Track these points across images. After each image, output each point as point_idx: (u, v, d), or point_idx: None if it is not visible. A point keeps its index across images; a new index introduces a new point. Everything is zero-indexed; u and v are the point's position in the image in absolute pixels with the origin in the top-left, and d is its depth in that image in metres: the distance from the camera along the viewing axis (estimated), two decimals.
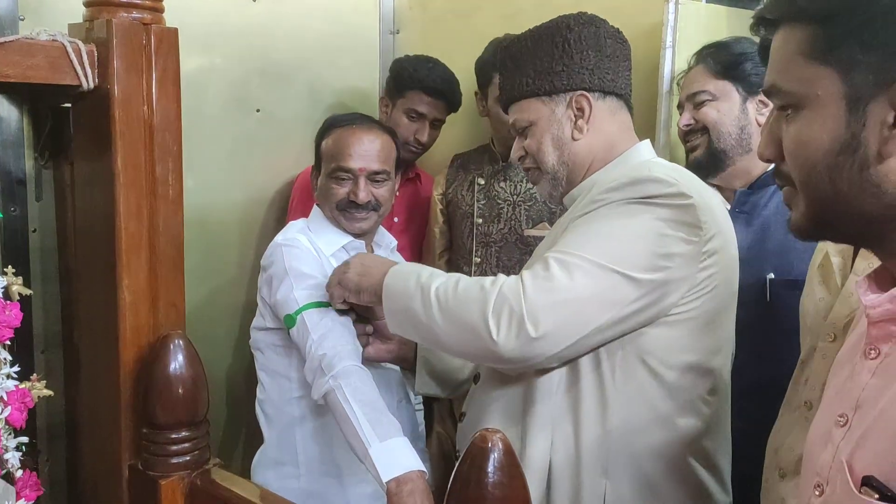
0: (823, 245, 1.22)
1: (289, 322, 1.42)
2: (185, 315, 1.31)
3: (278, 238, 1.54)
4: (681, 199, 1.15)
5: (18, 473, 1.13)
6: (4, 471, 1.12)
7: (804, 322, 1.24)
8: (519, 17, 2.09)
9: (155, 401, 1.22)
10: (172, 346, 1.22)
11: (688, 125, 1.71)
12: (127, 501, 1.28)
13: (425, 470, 1.23)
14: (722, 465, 1.27)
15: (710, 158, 1.67)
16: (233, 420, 2.11)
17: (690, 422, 1.22)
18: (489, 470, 0.87)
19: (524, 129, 1.35)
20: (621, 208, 1.16)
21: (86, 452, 1.40)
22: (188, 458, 1.25)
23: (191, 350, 1.25)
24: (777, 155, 0.76)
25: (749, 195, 1.66)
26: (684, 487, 1.23)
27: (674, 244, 1.14)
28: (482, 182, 2.08)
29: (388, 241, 1.69)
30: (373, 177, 1.54)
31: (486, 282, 1.17)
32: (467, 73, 2.10)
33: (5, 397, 1.08)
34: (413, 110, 2.08)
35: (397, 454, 1.22)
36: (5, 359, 1.10)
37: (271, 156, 2.16)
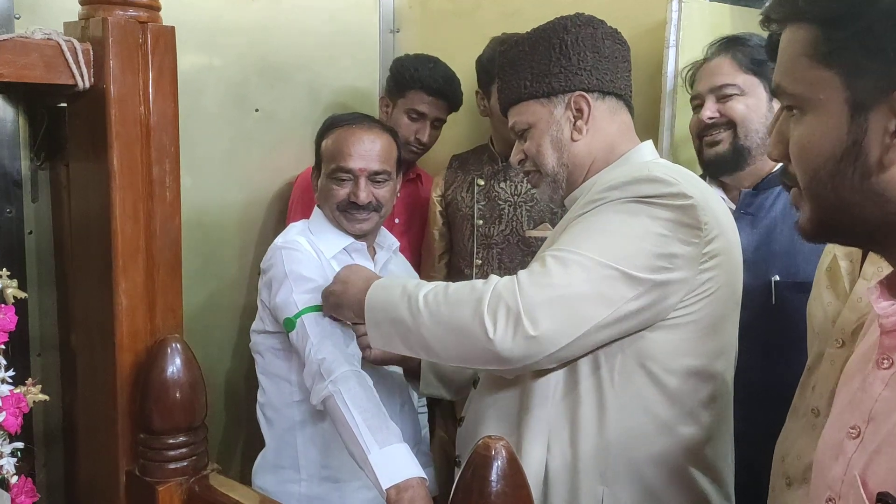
0: (831, 248, 1.20)
1: (288, 326, 1.41)
2: (182, 318, 1.30)
3: (278, 240, 1.53)
4: (681, 200, 1.13)
5: (14, 479, 1.12)
6: (0, 477, 1.10)
7: (811, 327, 1.22)
8: (519, 15, 2.09)
9: (152, 406, 1.20)
10: (170, 351, 1.21)
11: (712, 118, 1.65)
12: None
13: (426, 477, 1.21)
14: (724, 473, 1.26)
15: (734, 155, 1.62)
16: (231, 424, 2.09)
17: (691, 429, 1.20)
18: (492, 479, 0.85)
19: (523, 132, 1.34)
20: (620, 207, 1.15)
21: (82, 458, 1.38)
22: (186, 464, 1.24)
23: (188, 354, 1.23)
24: (785, 155, 0.75)
25: (755, 196, 1.63)
26: (685, 496, 1.21)
27: (673, 245, 1.12)
28: (482, 183, 2.06)
29: (390, 242, 1.67)
30: (373, 177, 1.53)
31: (478, 282, 1.16)
32: (468, 73, 2.09)
33: (0, 402, 1.07)
34: (414, 110, 2.06)
35: (397, 461, 1.20)
36: (0, 363, 1.09)
37: (270, 156, 2.14)
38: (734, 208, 1.63)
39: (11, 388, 1.09)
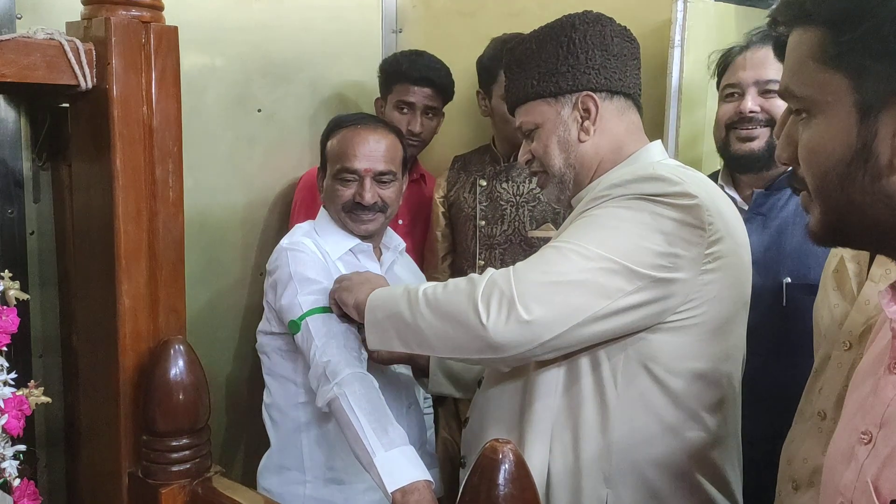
0: (838, 249, 1.19)
1: (293, 328, 1.40)
2: (185, 320, 1.29)
3: (283, 242, 1.52)
4: (685, 200, 1.12)
5: (16, 482, 1.11)
6: (2, 480, 1.10)
7: (818, 329, 1.21)
8: (523, 15, 2.08)
9: (155, 407, 1.19)
10: (173, 352, 1.20)
11: (754, 112, 1.57)
12: None
13: (431, 479, 1.20)
14: (730, 477, 1.24)
15: (768, 154, 1.55)
16: (235, 426, 2.09)
17: (696, 433, 1.19)
18: (500, 482, 0.84)
19: (530, 132, 1.33)
20: (624, 204, 1.14)
21: (85, 460, 1.37)
22: (189, 466, 1.23)
23: (191, 355, 1.22)
24: (794, 159, 0.74)
25: (767, 196, 1.60)
26: (690, 500, 1.19)
27: (675, 244, 1.11)
28: (484, 183, 2.06)
29: (396, 242, 1.66)
30: (379, 177, 1.52)
31: (475, 275, 1.16)
32: (470, 72, 2.08)
33: (2, 405, 1.07)
34: (401, 102, 2.07)
35: (402, 464, 1.20)
36: (2, 365, 1.09)
37: (273, 156, 2.14)
38: (747, 208, 1.61)
39: (13, 390, 1.08)
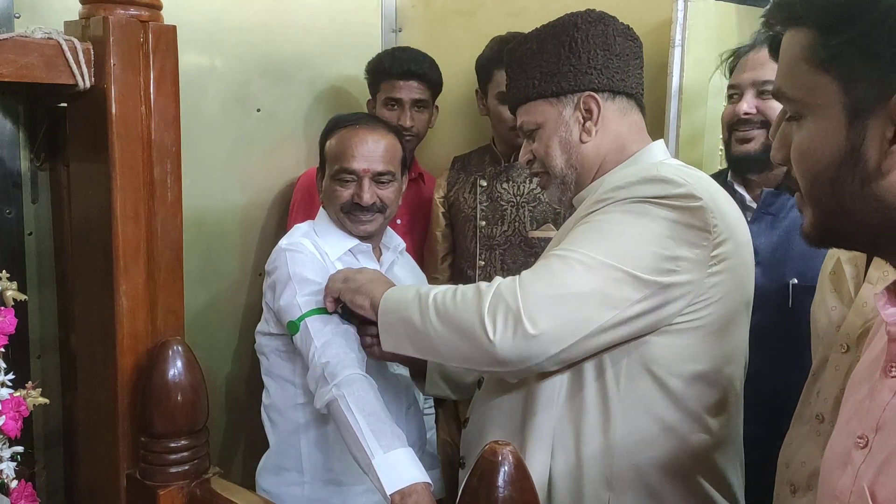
0: (835, 251, 1.18)
1: (292, 329, 1.40)
2: (184, 320, 1.28)
3: (282, 242, 1.51)
4: (689, 202, 1.11)
5: (14, 484, 1.11)
6: (0, 481, 1.09)
7: (815, 332, 1.20)
8: (523, 14, 2.07)
9: (153, 409, 1.19)
10: (171, 353, 1.19)
11: (749, 114, 1.58)
12: None
13: (430, 482, 1.20)
14: (732, 479, 1.23)
15: (765, 155, 1.53)
16: (234, 427, 2.08)
17: (698, 435, 1.18)
18: (499, 484, 0.84)
19: (531, 133, 1.31)
20: (627, 207, 1.13)
21: (83, 461, 1.37)
22: (187, 468, 1.22)
23: (190, 356, 1.22)
24: (788, 160, 0.74)
25: (776, 196, 1.59)
26: (691, 503, 1.19)
27: (680, 247, 1.10)
28: (484, 184, 2.05)
29: (396, 243, 1.66)
30: (377, 178, 1.51)
31: (483, 284, 1.15)
32: (470, 72, 2.08)
33: (0, 406, 1.06)
34: (389, 98, 2.07)
35: (401, 466, 1.19)
36: (0, 366, 1.08)
37: (272, 156, 2.14)
38: (756, 207, 1.60)
39: (11, 391, 1.08)
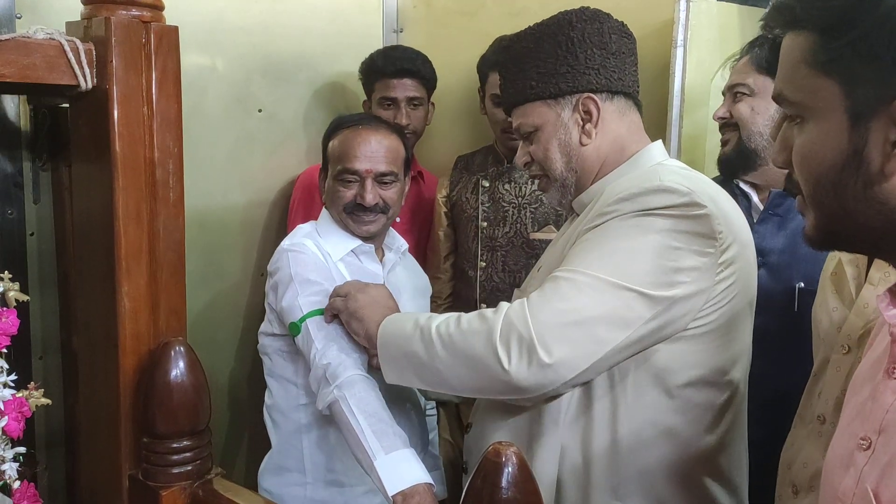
0: (836, 252, 1.18)
1: (293, 330, 1.39)
2: (186, 321, 1.28)
3: (285, 243, 1.51)
4: (694, 210, 1.10)
5: (16, 485, 1.11)
6: (2, 482, 1.09)
7: (817, 333, 1.20)
8: (524, 15, 2.07)
9: (155, 409, 1.19)
10: (173, 354, 1.19)
11: (722, 118, 1.64)
12: None
13: (432, 482, 1.20)
14: (737, 481, 1.23)
15: (739, 156, 1.61)
16: (236, 427, 2.08)
17: (705, 438, 1.18)
18: (503, 486, 0.84)
19: (529, 135, 1.30)
20: (631, 221, 1.11)
21: (85, 462, 1.37)
22: (190, 468, 1.22)
23: (192, 357, 1.22)
24: (789, 163, 0.74)
25: (784, 197, 1.58)
26: None
27: (688, 257, 1.09)
28: (486, 184, 2.05)
29: (398, 244, 1.65)
30: (380, 178, 1.51)
31: (488, 311, 1.14)
32: (471, 72, 2.08)
33: (2, 407, 1.06)
34: (384, 98, 2.07)
35: (403, 467, 1.19)
36: (2, 367, 1.08)
37: (273, 157, 2.13)
38: (762, 208, 1.60)
39: (13, 392, 1.08)
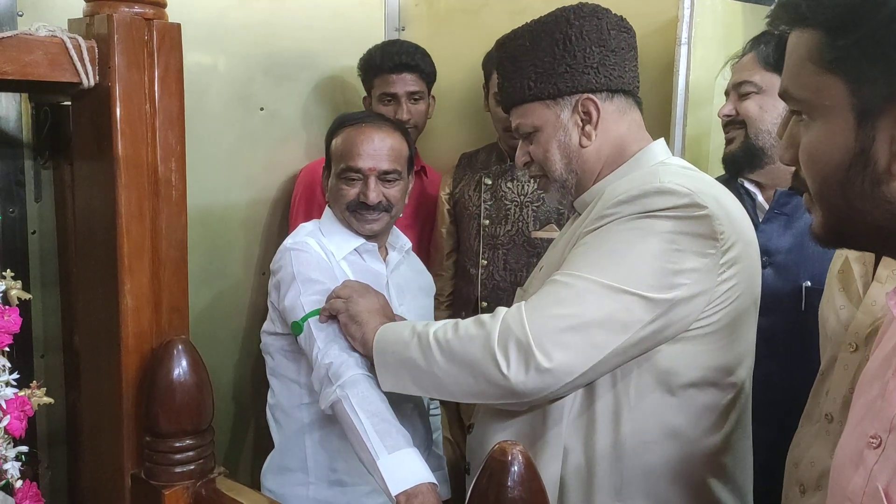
0: (843, 250, 1.17)
1: (296, 329, 1.39)
2: (188, 319, 1.28)
3: (287, 242, 1.50)
4: (694, 211, 1.09)
5: (18, 484, 1.10)
6: (4, 481, 1.09)
7: (824, 331, 1.19)
8: (527, 12, 2.03)
9: (158, 408, 1.18)
10: (176, 352, 1.19)
11: (727, 116, 1.63)
12: None
13: (436, 482, 1.19)
14: (742, 480, 1.23)
15: (746, 154, 1.60)
16: (239, 426, 2.08)
17: (709, 438, 1.17)
18: (509, 485, 0.83)
19: (529, 135, 1.28)
20: (631, 223, 1.11)
21: (87, 461, 1.36)
22: (193, 467, 1.22)
23: (195, 355, 1.21)
24: (796, 160, 0.73)
25: (790, 196, 1.57)
26: None
27: (688, 259, 1.09)
28: (489, 182, 2.04)
29: (402, 242, 1.65)
30: (383, 176, 1.50)
31: (486, 317, 1.13)
32: (474, 71, 2.08)
33: (4, 406, 1.06)
34: (384, 94, 2.06)
35: (406, 466, 1.18)
36: (4, 366, 1.08)
37: (275, 155, 2.13)
38: (768, 207, 1.59)
39: (15, 391, 1.07)
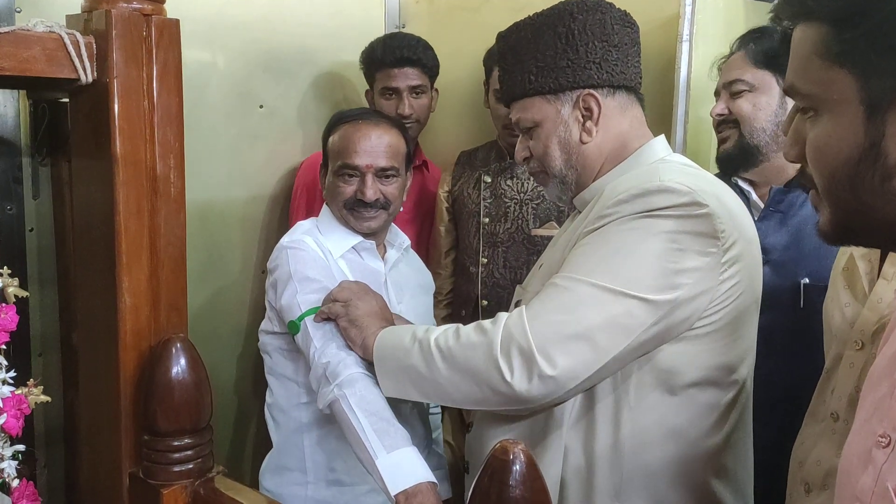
0: (848, 247, 1.17)
1: (292, 328, 1.38)
2: (187, 317, 1.27)
3: (284, 240, 1.49)
4: (694, 209, 1.08)
5: (15, 483, 1.10)
6: (1, 480, 1.08)
7: (828, 328, 1.19)
8: (527, 9, 2.02)
9: (156, 407, 1.18)
10: (174, 350, 1.18)
11: (720, 115, 1.63)
12: None
13: (435, 481, 1.18)
14: (743, 479, 1.22)
15: (741, 153, 1.60)
16: (238, 425, 2.07)
17: (710, 438, 1.16)
18: (511, 484, 0.82)
19: (528, 130, 1.27)
20: (631, 223, 1.10)
21: (85, 459, 1.36)
22: (191, 466, 1.21)
23: (193, 354, 1.20)
24: (802, 157, 0.72)
25: (785, 193, 1.57)
26: None
27: (689, 258, 1.08)
28: (488, 180, 2.04)
29: (400, 240, 1.64)
30: (381, 174, 1.49)
31: (487, 323, 1.12)
32: (475, 68, 2.07)
33: (1, 404, 1.05)
34: (385, 88, 2.05)
35: (405, 466, 1.17)
36: (1, 364, 1.07)
37: (274, 152, 2.13)
38: (763, 206, 1.59)
39: (12, 389, 1.07)
